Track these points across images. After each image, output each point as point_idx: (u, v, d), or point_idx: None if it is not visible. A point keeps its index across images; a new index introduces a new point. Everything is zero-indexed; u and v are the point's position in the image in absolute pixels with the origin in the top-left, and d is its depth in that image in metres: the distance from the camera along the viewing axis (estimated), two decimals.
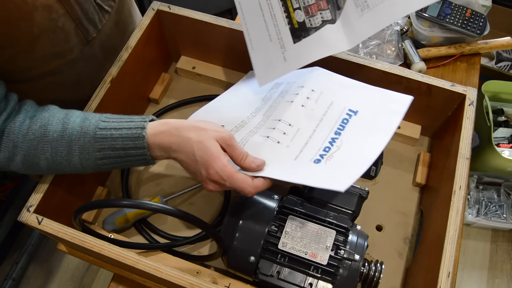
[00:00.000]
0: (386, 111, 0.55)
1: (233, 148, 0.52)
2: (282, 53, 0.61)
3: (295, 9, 0.61)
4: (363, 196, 0.59)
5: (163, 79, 0.82)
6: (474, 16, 0.87)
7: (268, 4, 0.62)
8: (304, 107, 0.58)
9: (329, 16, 0.60)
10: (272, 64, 0.62)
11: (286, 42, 0.61)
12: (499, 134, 1.33)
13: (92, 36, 0.67)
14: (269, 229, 0.54)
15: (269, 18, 0.62)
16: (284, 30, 0.61)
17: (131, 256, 0.52)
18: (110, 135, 0.53)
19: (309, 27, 0.60)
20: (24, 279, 1.39)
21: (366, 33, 0.59)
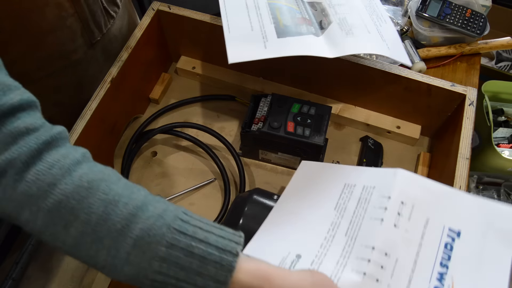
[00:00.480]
0: (495, 232, 0.46)
1: None
2: (263, 42, 0.61)
3: (282, 17, 0.65)
4: None
5: (163, 79, 0.82)
6: (474, 16, 0.87)
7: (256, 6, 0.66)
8: (397, 227, 0.46)
9: (313, 31, 0.64)
10: (250, 47, 0.61)
11: (270, 35, 0.62)
12: (499, 134, 1.33)
13: (96, 39, 0.68)
14: None
15: (254, 15, 0.65)
16: (269, 27, 0.63)
17: None
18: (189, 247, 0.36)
19: (294, 31, 0.63)
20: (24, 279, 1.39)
21: (348, 50, 0.63)
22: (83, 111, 0.63)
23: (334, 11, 0.68)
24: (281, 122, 0.65)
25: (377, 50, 0.64)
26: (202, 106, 0.81)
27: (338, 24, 0.66)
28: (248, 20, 0.64)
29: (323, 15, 0.67)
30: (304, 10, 0.67)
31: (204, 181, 0.72)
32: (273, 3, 0.66)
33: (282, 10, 0.66)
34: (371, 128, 0.76)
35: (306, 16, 0.66)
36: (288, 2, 0.67)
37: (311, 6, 0.69)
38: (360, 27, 0.66)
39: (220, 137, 0.73)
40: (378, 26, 0.67)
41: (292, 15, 0.65)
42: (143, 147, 0.75)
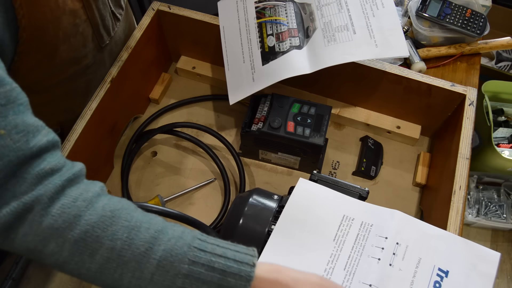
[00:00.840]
0: (477, 275, 0.51)
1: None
2: (252, 74, 0.66)
3: (268, 35, 0.67)
4: (363, 196, 0.59)
5: (163, 79, 0.82)
6: (474, 16, 0.87)
7: (247, 30, 0.68)
8: (392, 266, 0.51)
9: (297, 42, 0.65)
10: (243, 84, 0.67)
11: (256, 64, 0.66)
12: (499, 134, 1.33)
13: (105, 43, 0.68)
14: (269, 229, 0.54)
15: (245, 41, 0.68)
16: (256, 53, 0.67)
17: None
18: (210, 262, 0.38)
19: (277, 51, 0.65)
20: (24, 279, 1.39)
21: (327, 62, 0.63)
22: (83, 111, 0.63)
23: (321, 14, 0.67)
24: (281, 122, 0.65)
25: (359, 55, 0.63)
26: (202, 106, 0.81)
27: (322, 30, 0.65)
28: (240, 50, 0.68)
29: (310, 20, 0.67)
30: (293, 17, 0.67)
31: (204, 181, 0.72)
32: (262, 21, 0.68)
33: (269, 27, 0.67)
34: (371, 128, 0.77)
35: (294, 26, 0.66)
36: (277, 13, 0.68)
37: (302, 9, 0.68)
38: (344, 30, 0.64)
39: (220, 137, 0.73)
40: (370, 17, 0.65)
41: (278, 30, 0.66)
42: (143, 147, 0.75)
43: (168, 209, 0.50)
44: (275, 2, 0.69)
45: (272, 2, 0.69)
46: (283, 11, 0.68)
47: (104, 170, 0.73)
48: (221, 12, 0.72)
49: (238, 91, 0.67)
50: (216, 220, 0.68)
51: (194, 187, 0.71)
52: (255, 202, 0.57)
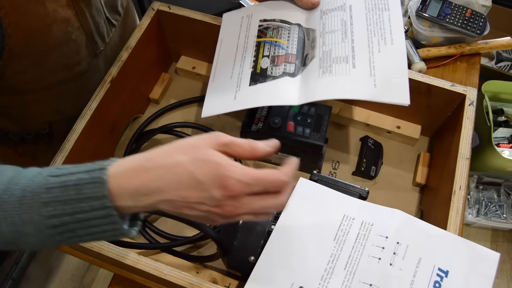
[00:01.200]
0: (476, 275, 0.51)
1: (235, 144, 0.39)
2: (235, 92, 0.62)
3: (264, 56, 0.63)
4: (363, 196, 0.59)
5: (163, 79, 0.82)
6: (474, 16, 0.87)
7: (244, 46, 0.65)
8: (393, 266, 0.51)
9: (292, 69, 0.60)
10: (222, 99, 0.62)
11: (243, 83, 0.62)
12: (499, 134, 1.33)
13: (100, 49, 0.68)
14: (269, 229, 0.54)
15: (239, 58, 0.65)
16: (246, 72, 0.63)
17: (131, 256, 0.52)
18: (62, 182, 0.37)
19: (269, 75, 0.61)
20: (24, 279, 1.39)
21: (318, 95, 0.56)
22: (83, 111, 0.63)
23: (322, 42, 0.61)
24: (281, 122, 0.65)
25: (353, 93, 0.55)
26: (202, 106, 0.81)
27: (320, 59, 0.60)
28: (232, 65, 0.65)
29: (311, 47, 0.62)
30: (294, 42, 0.63)
31: None
32: (262, 40, 0.65)
33: (267, 48, 0.64)
34: (371, 128, 0.77)
35: (293, 51, 0.62)
36: (279, 35, 0.64)
37: (306, 34, 0.64)
38: (343, 61, 0.58)
39: None
40: (375, 52, 0.57)
41: (275, 53, 0.63)
42: (143, 147, 0.75)
43: None
44: (279, 24, 0.65)
45: (277, 23, 0.66)
46: (286, 34, 0.64)
47: None
48: (224, 24, 0.70)
49: (215, 105, 0.63)
50: None
51: None
52: None
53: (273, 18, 0.66)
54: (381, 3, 0.61)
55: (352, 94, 0.55)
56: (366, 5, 0.61)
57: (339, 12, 0.62)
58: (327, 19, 0.62)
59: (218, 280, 0.58)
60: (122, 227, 0.37)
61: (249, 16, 0.68)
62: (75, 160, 0.62)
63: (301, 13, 0.66)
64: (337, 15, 0.62)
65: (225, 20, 0.70)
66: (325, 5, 0.64)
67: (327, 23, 0.62)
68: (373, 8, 0.61)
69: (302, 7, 0.66)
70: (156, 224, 0.68)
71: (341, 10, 0.62)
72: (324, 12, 0.64)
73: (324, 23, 0.63)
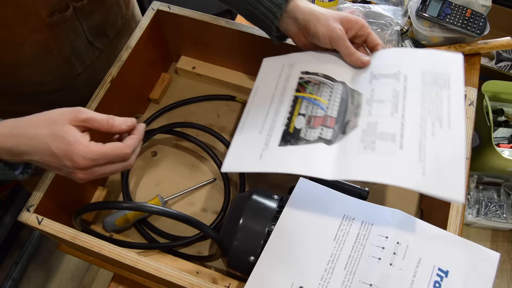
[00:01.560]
0: (477, 275, 0.50)
1: (92, 120, 0.46)
2: (262, 150, 0.55)
3: (299, 114, 0.56)
4: (363, 196, 0.59)
5: (163, 79, 0.82)
6: (474, 16, 0.87)
7: (280, 99, 0.59)
8: (393, 266, 0.50)
9: (329, 135, 0.53)
10: (247, 156, 0.56)
11: (272, 141, 0.55)
12: (499, 134, 1.33)
13: (78, 72, 0.67)
14: (269, 229, 0.54)
15: (272, 112, 0.58)
16: (277, 129, 0.56)
17: (131, 256, 0.52)
18: None
19: (302, 137, 0.54)
20: (24, 279, 1.39)
21: (355, 174, 0.50)
22: None
23: (368, 111, 0.53)
24: None
25: (397, 179, 0.48)
26: (202, 106, 0.81)
27: (363, 130, 0.52)
28: (263, 118, 0.58)
29: (354, 114, 0.55)
30: (336, 103, 0.56)
31: (204, 181, 0.72)
32: (300, 96, 0.58)
33: (304, 105, 0.57)
34: None
35: (333, 114, 0.55)
36: (319, 93, 0.58)
37: (351, 96, 0.57)
38: (389, 139, 0.50)
39: (220, 137, 0.73)
40: (428, 135, 0.50)
41: (313, 112, 0.56)
42: (143, 147, 0.75)
43: (168, 209, 0.50)
44: (322, 79, 0.58)
45: (319, 78, 0.59)
46: (328, 92, 0.57)
47: None
48: (262, 70, 0.65)
49: (238, 161, 0.56)
50: (216, 220, 0.68)
51: (194, 187, 0.71)
52: (255, 202, 0.57)
53: (316, 71, 0.59)
54: (441, 79, 0.53)
55: (395, 180, 0.48)
56: (424, 78, 0.54)
57: (391, 80, 0.55)
58: (377, 85, 0.55)
59: (218, 280, 0.58)
60: (10, 172, 0.48)
61: (291, 66, 0.62)
62: None
63: (348, 70, 0.59)
64: (389, 83, 0.55)
65: (264, 66, 0.65)
66: (376, 68, 0.57)
67: (376, 89, 0.55)
68: (431, 83, 0.53)
69: (350, 64, 0.59)
70: (156, 224, 0.68)
71: (394, 78, 0.55)
72: (374, 76, 0.56)
73: (373, 88, 0.55)
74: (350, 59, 0.58)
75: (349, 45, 0.56)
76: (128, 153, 0.47)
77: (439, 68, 0.55)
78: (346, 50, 0.57)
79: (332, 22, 0.55)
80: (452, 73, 0.54)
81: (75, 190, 0.64)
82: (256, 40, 0.71)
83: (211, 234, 0.52)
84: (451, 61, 0.55)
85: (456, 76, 0.54)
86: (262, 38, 0.69)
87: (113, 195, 0.72)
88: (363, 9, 0.93)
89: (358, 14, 0.92)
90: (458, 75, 0.54)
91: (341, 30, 0.55)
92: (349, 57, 0.57)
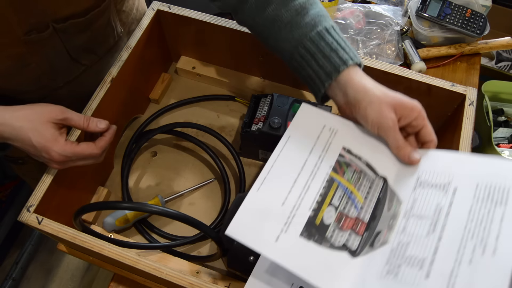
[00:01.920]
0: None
1: (69, 120, 0.54)
2: (280, 232, 0.46)
3: (330, 204, 0.48)
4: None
5: (163, 79, 0.82)
6: (474, 16, 0.87)
7: (313, 171, 0.50)
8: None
9: (355, 245, 0.47)
10: (260, 231, 0.46)
11: (294, 226, 0.46)
12: (499, 134, 1.33)
13: (59, 85, 0.67)
14: None
15: (302, 183, 0.49)
16: (303, 211, 0.47)
17: (131, 256, 0.52)
18: None
19: (327, 237, 0.46)
20: (24, 279, 1.39)
21: None
22: (83, 111, 0.63)
23: (403, 227, 0.47)
24: (281, 122, 0.65)
25: None
26: (202, 106, 0.81)
27: (392, 251, 0.45)
28: (290, 185, 0.49)
29: (388, 225, 0.48)
30: (371, 204, 0.49)
31: (204, 181, 0.72)
32: (336, 179, 0.50)
33: (338, 195, 0.49)
34: None
35: (366, 218, 0.49)
36: (358, 184, 0.50)
37: (389, 199, 0.50)
38: (416, 265, 0.43)
39: (220, 137, 0.73)
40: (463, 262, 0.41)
41: (346, 209, 0.49)
42: (143, 147, 0.75)
43: (168, 209, 0.50)
44: (365, 168, 0.51)
45: (361, 165, 0.51)
46: (366, 187, 0.50)
47: (104, 170, 0.73)
48: (299, 117, 0.55)
49: (249, 230, 0.46)
50: (216, 220, 0.68)
51: (194, 187, 0.71)
52: None
53: (360, 155, 0.52)
54: (498, 194, 0.44)
55: None
56: (477, 192, 0.45)
57: (438, 192, 0.47)
58: (421, 196, 0.48)
59: (218, 280, 0.58)
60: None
61: (333, 132, 0.53)
62: None
63: (393, 164, 0.52)
64: (435, 195, 0.47)
65: (303, 113, 0.55)
66: (424, 173, 0.50)
67: (419, 200, 0.48)
68: (485, 198, 0.44)
69: (397, 157, 0.52)
70: (156, 224, 0.68)
71: (442, 190, 0.47)
72: (420, 182, 0.49)
73: (415, 199, 0.48)
74: (397, 153, 0.51)
75: (399, 138, 0.49)
76: (98, 153, 0.56)
77: (497, 180, 0.45)
78: (395, 143, 0.50)
79: (385, 109, 0.48)
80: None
81: (75, 190, 0.64)
82: (256, 40, 0.71)
83: (211, 234, 0.52)
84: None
85: None
86: None
87: (113, 195, 0.72)
88: (363, 9, 0.93)
89: (358, 14, 0.92)
90: None
91: (393, 121, 0.48)
92: (397, 151, 0.51)
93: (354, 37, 0.91)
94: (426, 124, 0.50)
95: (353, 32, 0.91)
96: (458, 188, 0.47)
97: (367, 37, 0.90)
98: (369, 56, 0.88)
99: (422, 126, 0.50)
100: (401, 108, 0.49)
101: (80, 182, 0.65)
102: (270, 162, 0.50)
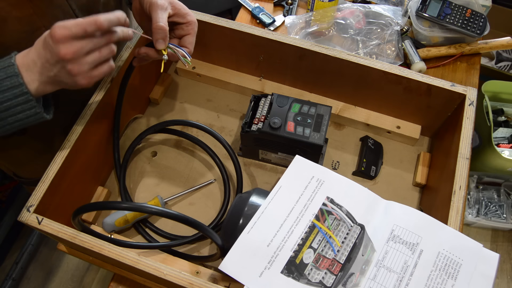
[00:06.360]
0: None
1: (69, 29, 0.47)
2: (264, 268, 0.52)
3: (310, 247, 0.54)
4: None
5: (163, 79, 0.82)
6: (474, 16, 0.87)
7: (298, 218, 0.55)
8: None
9: (329, 283, 0.52)
10: (247, 266, 0.52)
11: (276, 264, 0.52)
12: (499, 134, 1.33)
13: None
14: None
15: (286, 227, 0.55)
16: (285, 252, 0.53)
17: (131, 256, 0.52)
18: None
19: (304, 275, 0.52)
20: (24, 279, 1.39)
21: None
22: (83, 111, 0.63)
23: (374, 275, 0.52)
24: (281, 122, 0.65)
25: None
26: (202, 106, 0.81)
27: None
28: (276, 229, 0.54)
29: (360, 270, 0.53)
30: (347, 249, 0.54)
31: (204, 183, 0.72)
32: (317, 225, 0.55)
33: (318, 239, 0.54)
34: (371, 128, 0.77)
35: (341, 259, 0.53)
36: (337, 231, 0.55)
37: (364, 245, 0.55)
38: None
39: (220, 137, 0.73)
40: None
41: (324, 251, 0.54)
42: (143, 147, 0.75)
43: (167, 210, 0.50)
44: (344, 217, 0.56)
45: (342, 214, 0.56)
46: (344, 233, 0.55)
47: (104, 170, 0.73)
48: (291, 169, 0.60)
49: (238, 266, 0.52)
50: (215, 220, 0.68)
51: (194, 188, 0.71)
52: (255, 202, 0.57)
53: (342, 204, 0.57)
54: (451, 267, 0.52)
55: None
56: (437, 260, 0.53)
57: (407, 251, 0.54)
58: (392, 250, 0.54)
59: (218, 280, 0.58)
60: (40, 110, 0.50)
61: (320, 182, 0.59)
62: (76, 159, 0.62)
63: (371, 215, 0.57)
64: (403, 253, 0.53)
65: (295, 165, 0.61)
66: (398, 228, 0.56)
67: (390, 254, 0.54)
68: (442, 268, 0.52)
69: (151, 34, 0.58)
70: (156, 224, 0.68)
71: (410, 249, 0.54)
72: (394, 235, 0.55)
73: (387, 251, 0.54)
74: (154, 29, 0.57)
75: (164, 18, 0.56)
76: (103, 24, 0.47)
77: (455, 254, 0.53)
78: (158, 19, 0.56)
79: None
80: (465, 264, 0.52)
81: (75, 190, 0.64)
82: (256, 40, 0.71)
83: (211, 234, 0.52)
84: (471, 250, 0.52)
85: (467, 271, 0.51)
86: (262, 38, 0.69)
87: (113, 195, 0.72)
88: (363, 9, 0.93)
89: (358, 14, 0.92)
90: (469, 269, 0.51)
91: (164, 4, 0.56)
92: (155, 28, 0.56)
93: (354, 37, 0.90)
94: (193, 34, 0.61)
95: (353, 32, 0.91)
96: (424, 251, 0.53)
97: (367, 37, 0.90)
98: (369, 56, 0.88)
99: (189, 33, 0.60)
100: (178, 7, 0.58)
101: (80, 182, 0.65)
102: (261, 208, 0.56)
